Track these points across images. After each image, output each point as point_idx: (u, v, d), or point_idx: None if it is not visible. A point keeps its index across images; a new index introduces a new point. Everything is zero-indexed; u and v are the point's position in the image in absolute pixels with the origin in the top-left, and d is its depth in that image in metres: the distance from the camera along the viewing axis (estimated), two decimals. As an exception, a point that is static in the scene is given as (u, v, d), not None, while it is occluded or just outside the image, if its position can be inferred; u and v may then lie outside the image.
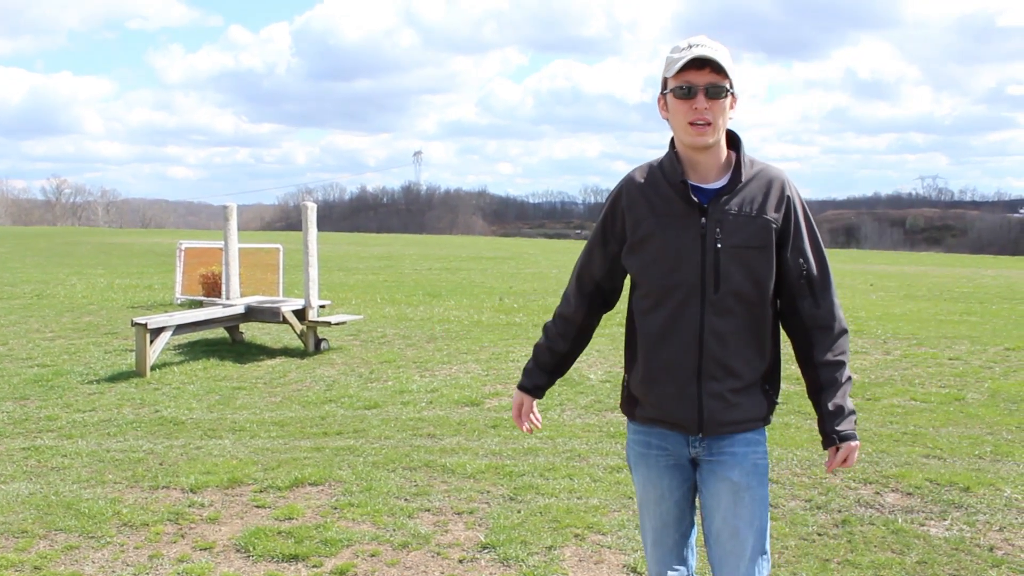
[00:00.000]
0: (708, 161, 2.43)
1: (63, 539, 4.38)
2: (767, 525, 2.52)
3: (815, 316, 2.49)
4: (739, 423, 2.47)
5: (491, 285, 19.69)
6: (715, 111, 2.36)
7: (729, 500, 2.47)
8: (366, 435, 6.37)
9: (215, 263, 14.35)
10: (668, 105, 2.43)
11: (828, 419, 2.48)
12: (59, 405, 7.26)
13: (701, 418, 2.46)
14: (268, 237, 37.92)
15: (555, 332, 2.78)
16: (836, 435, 2.46)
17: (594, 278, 2.67)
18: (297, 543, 4.31)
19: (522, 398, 2.81)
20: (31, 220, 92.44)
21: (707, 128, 2.36)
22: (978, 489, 5.15)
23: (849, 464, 2.49)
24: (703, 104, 2.34)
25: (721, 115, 2.37)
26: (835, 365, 2.49)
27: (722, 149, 2.45)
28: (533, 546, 4.31)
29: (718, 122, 2.37)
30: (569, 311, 2.74)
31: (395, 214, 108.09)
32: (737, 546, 2.46)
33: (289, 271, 15.46)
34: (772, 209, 2.42)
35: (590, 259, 2.66)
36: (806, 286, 2.48)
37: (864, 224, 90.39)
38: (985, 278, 24.98)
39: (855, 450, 2.48)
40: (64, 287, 17.47)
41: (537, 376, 2.80)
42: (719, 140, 2.42)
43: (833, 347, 2.50)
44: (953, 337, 11.47)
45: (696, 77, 2.34)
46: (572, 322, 2.74)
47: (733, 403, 2.44)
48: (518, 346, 10.46)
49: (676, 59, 2.36)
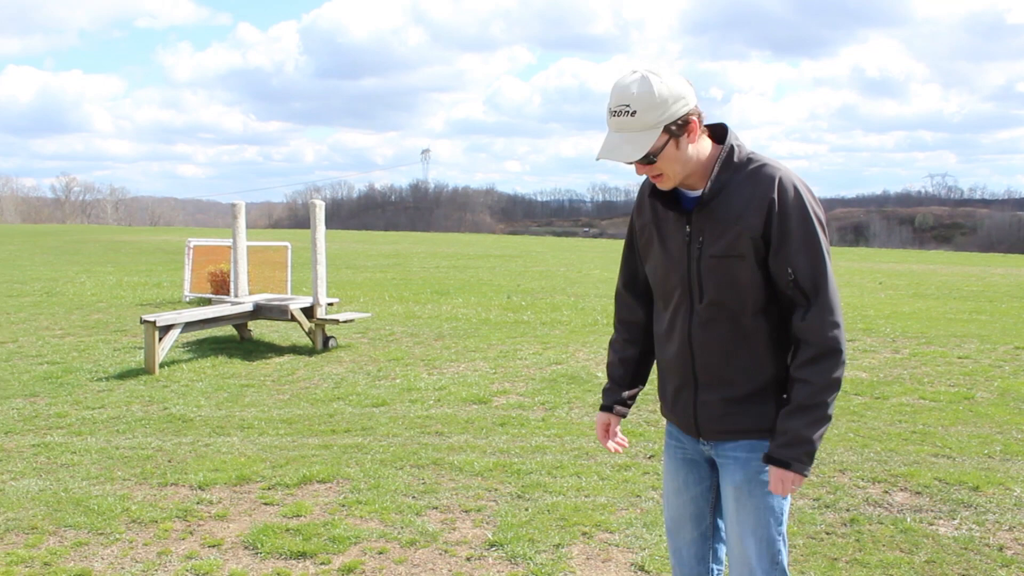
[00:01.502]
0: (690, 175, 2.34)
1: (72, 535, 4.39)
2: (777, 536, 2.43)
3: (799, 328, 2.29)
4: (737, 432, 2.41)
5: (499, 283, 19.68)
6: (661, 165, 2.26)
7: (732, 506, 2.45)
8: (374, 433, 6.38)
9: (224, 261, 14.39)
10: None
11: (774, 437, 2.33)
12: (68, 402, 7.28)
13: (696, 423, 2.47)
14: (276, 235, 38.02)
15: (621, 340, 2.71)
16: (767, 455, 2.33)
17: (635, 279, 2.66)
18: (305, 540, 4.32)
19: (606, 419, 2.73)
20: (41, 218, 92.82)
21: (661, 179, 2.31)
22: (988, 488, 5.13)
23: (780, 492, 2.32)
24: (643, 171, 2.31)
25: (669, 163, 2.26)
26: (802, 384, 2.28)
27: (700, 157, 2.31)
28: (541, 544, 4.31)
29: (670, 170, 2.28)
30: (627, 314, 2.69)
31: (403, 212, 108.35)
32: (742, 553, 2.44)
33: (297, 269, 15.48)
34: (752, 215, 2.26)
35: (624, 262, 2.69)
36: (797, 296, 2.28)
37: (873, 222, 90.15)
38: (995, 276, 24.87)
39: (787, 480, 2.29)
40: (73, 285, 17.53)
41: (614, 393, 2.71)
42: (686, 171, 2.31)
43: (807, 365, 2.28)
44: (962, 336, 11.43)
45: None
46: (635, 324, 2.68)
47: (729, 412, 2.40)
48: (526, 344, 10.46)
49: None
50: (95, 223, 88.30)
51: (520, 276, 22.15)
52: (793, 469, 2.28)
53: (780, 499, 2.42)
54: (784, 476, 2.30)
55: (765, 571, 2.43)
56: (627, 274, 2.68)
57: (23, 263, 24.16)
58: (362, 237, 51.81)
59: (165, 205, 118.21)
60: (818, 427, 2.28)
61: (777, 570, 2.44)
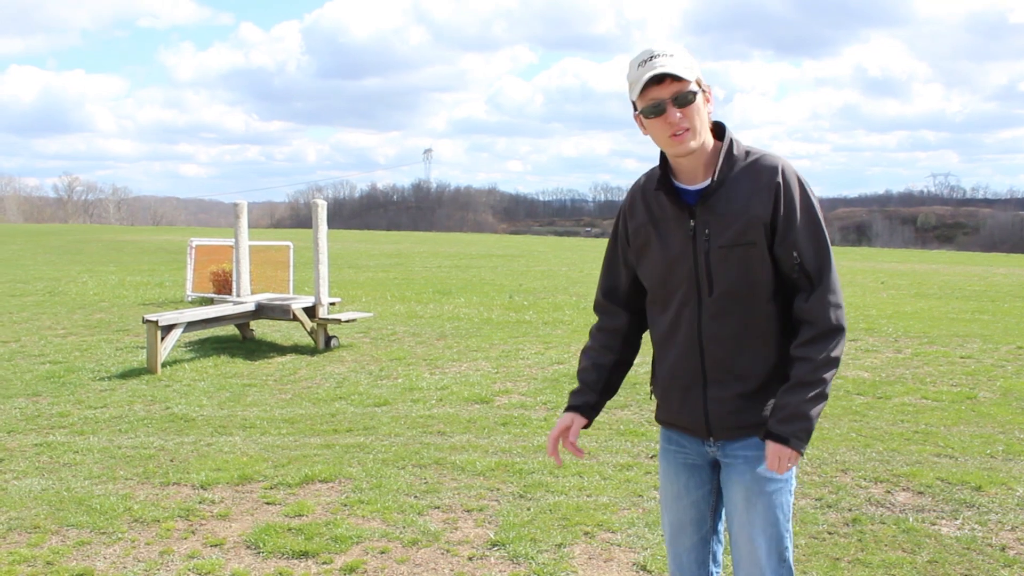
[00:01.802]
0: (694, 162, 2.39)
1: (75, 535, 4.40)
2: (785, 533, 2.45)
3: (802, 310, 2.34)
4: (750, 427, 2.41)
5: (501, 283, 19.68)
6: (689, 116, 2.31)
7: (742, 506, 2.44)
8: (376, 432, 6.38)
9: (226, 260, 14.40)
10: (644, 124, 2.39)
11: (772, 412, 2.35)
12: (71, 402, 7.29)
13: (708, 422, 2.44)
14: (278, 235, 38.04)
15: (597, 347, 2.66)
16: (765, 431, 2.34)
17: (616, 287, 2.64)
18: (307, 540, 4.32)
19: (571, 419, 2.60)
20: (43, 218, 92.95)
21: (687, 134, 2.32)
22: (990, 488, 5.12)
23: (776, 469, 2.32)
24: (675, 115, 2.30)
25: (697, 117, 2.32)
26: (803, 362, 2.31)
27: (706, 148, 2.38)
28: (543, 544, 4.31)
29: (696, 125, 2.33)
30: (608, 322, 2.66)
31: (405, 212, 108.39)
32: (751, 553, 2.43)
33: (299, 268, 15.49)
34: (760, 202, 2.32)
35: (607, 270, 2.66)
36: (801, 280, 2.34)
37: (875, 222, 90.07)
38: (997, 276, 24.83)
39: (784, 457, 2.30)
40: (76, 284, 17.55)
41: (585, 395, 2.62)
42: (703, 140, 2.37)
43: (808, 344, 2.32)
44: (965, 335, 11.41)
45: (660, 91, 2.29)
46: (615, 331, 2.64)
47: (741, 408, 2.40)
48: (528, 344, 10.46)
49: (636, 80, 2.32)
50: (97, 223, 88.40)
51: (522, 276, 22.15)
52: (791, 446, 2.29)
53: (788, 496, 2.44)
54: (781, 452, 2.30)
55: (774, 569, 2.43)
56: (609, 282, 2.65)
57: (26, 263, 24.19)
58: (364, 237, 51.82)
59: (167, 205, 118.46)
60: (816, 403, 2.30)
61: (784, 567, 2.45)
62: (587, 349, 2.69)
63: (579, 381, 2.67)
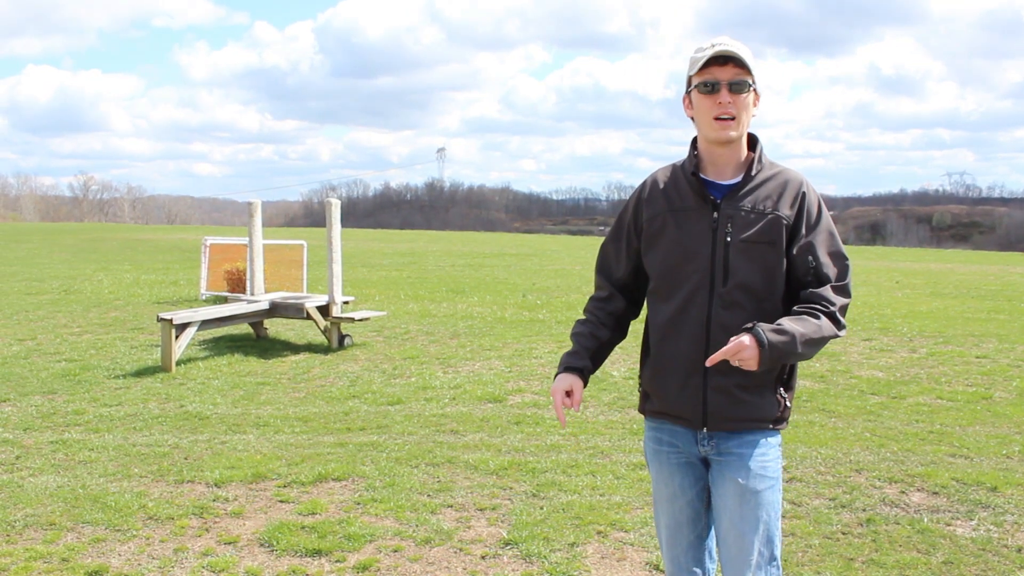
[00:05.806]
0: (727, 157, 2.47)
1: (90, 532, 4.43)
2: (776, 531, 2.48)
3: (809, 296, 2.40)
4: (745, 420, 2.44)
5: (514, 282, 19.68)
6: (738, 106, 2.40)
7: (735, 503, 2.45)
8: (389, 431, 6.39)
9: (240, 259, 14.44)
10: (693, 102, 2.47)
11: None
12: (86, 400, 7.34)
13: (705, 412, 2.45)
14: (292, 233, 38.12)
15: (594, 320, 2.66)
16: (748, 328, 2.31)
17: (618, 275, 2.66)
18: (320, 538, 4.34)
19: (571, 382, 2.55)
20: (59, 216, 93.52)
21: (731, 122, 2.41)
22: (1006, 489, 5.09)
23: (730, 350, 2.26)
24: (727, 98, 2.39)
25: (744, 111, 2.42)
26: (806, 313, 2.36)
27: (742, 147, 2.49)
28: (555, 543, 4.31)
29: (741, 116, 2.42)
30: (606, 303, 2.67)
31: (418, 210, 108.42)
32: (743, 551, 2.45)
33: (313, 267, 15.52)
34: (786, 206, 2.43)
35: (610, 257, 2.68)
36: (813, 282, 2.41)
37: (890, 221, 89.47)
38: (1013, 275, 24.65)
39: (745, 348, 2.25)
40: (91, 283, 17.66)
41: (581, 358, 2.60)
42: (741, 136, 2.46)
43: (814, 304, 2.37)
44: (980, 335, 11.34)
45: (719, 72, 2.39)
46: (611, 313, 2.66)
47: (740, 399, 2.42)
48: (541, 343, 10.46)
49: (700, 57, 2.41)
50: (112, 221, 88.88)
51: (535, 275, 22.14)
52: (758, 340, 2.26)
53: (778, 494, 2.49)
54: (745, 342, 2.26)
55: (767, 568, 2.46)
56: (608, 271, 2.68)
57: (42, 261, 24.35)
58: (378, 235, 51.91)
59: (182, 203, 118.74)
60: (805, 334, 2.31)
61: (774, 565, 2.48)
62: (587, 318, 2.69)
63: (576, 344, 2.64)
